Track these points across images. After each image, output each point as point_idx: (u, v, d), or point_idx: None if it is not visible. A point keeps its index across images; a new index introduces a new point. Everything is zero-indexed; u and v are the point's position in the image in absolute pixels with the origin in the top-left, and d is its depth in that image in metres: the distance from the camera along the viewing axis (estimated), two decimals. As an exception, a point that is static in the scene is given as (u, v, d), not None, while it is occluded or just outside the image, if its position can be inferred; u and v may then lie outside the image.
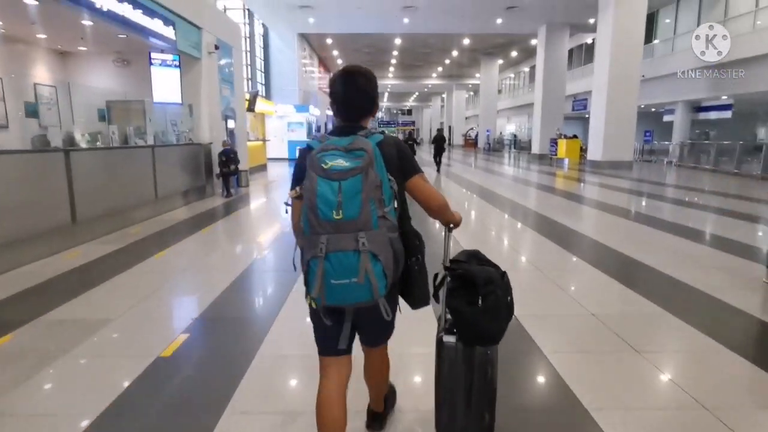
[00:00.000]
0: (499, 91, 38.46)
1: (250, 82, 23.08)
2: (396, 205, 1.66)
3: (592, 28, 23.88)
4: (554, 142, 21.42)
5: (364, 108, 1.75)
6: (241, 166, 12.35)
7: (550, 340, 3.25)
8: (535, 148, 24.34)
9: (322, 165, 1.51)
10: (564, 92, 23.84)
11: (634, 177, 15.73)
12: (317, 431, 1.74)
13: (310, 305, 1.67)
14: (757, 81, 16.52)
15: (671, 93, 20.63)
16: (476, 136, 38.66)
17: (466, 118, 48.41)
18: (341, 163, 1.51)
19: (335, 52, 32.96)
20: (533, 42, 29.47)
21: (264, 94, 25.51)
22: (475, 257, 2.00)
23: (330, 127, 33.88)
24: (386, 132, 2.12)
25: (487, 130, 35.33)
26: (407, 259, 1.72)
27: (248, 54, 22.96)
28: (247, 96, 14.98)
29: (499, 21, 22.53)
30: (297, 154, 1.90)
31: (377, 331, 1.86)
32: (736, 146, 16.46)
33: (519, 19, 22.53)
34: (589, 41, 28.50)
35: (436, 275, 1.95)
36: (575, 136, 21.46)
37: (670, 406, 2.52)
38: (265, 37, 25.42)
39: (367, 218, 1.50)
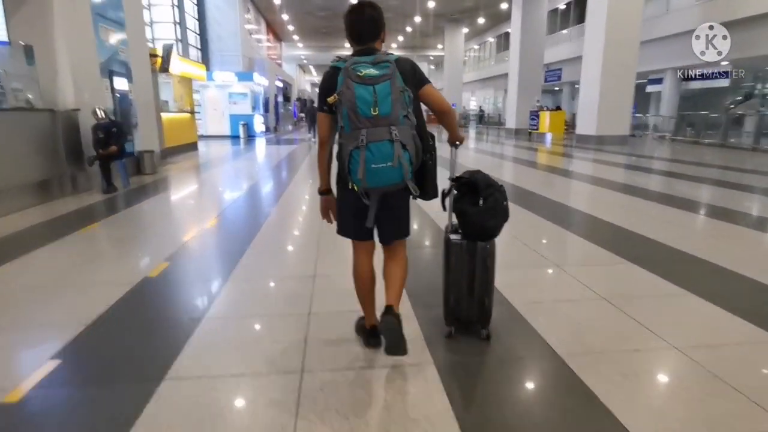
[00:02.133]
0: (463, 63, 35.11)
1: (179, 44, 18.67)
2: (412, 110, 1.93)
3: (573, -13, 20.85)
4: (535, 115, 18.45)
5: (375, 33, 2.02)
6: (145, 145, 8.52)
7: None
8: (511, 122, 21.32)
9: (358, 74, 1.82)
10: (542, 60, 20.81)
11: (641, 153, 12.95)
12: (355, 290, 2.25)
13: (351, 189, 1.96)
14: (763, 43, 14.03)
15: (660, 59, 17.97)
16: (440, 111, 35.22)
17: (428, 93, 45.01)
18: (372, 72, 1.83)
19: (285, 17, 28.49)
20: (503, 6, 26.22)
21: (201, 60, 21.10)
22: (477, 173, 2.34)
23: (281, 99, 29.77)
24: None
25: (453, 104, 32.08)
26: (423, 154, 2.01)
27: (176, 9, 18.49)
28: (157, 50, 10.93)
29: (471, -26, 19.06)
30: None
31: (397, 222, 2.16)
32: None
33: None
34: (562, 6, 25.52)
35: (443, 190, 2.31)
36: (559, 108, 18.55)
37: None
38: (199, -9, 20.85)
39: (396, 115, 1.84)
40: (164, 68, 10.67)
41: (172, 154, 11.85)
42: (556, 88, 29.10)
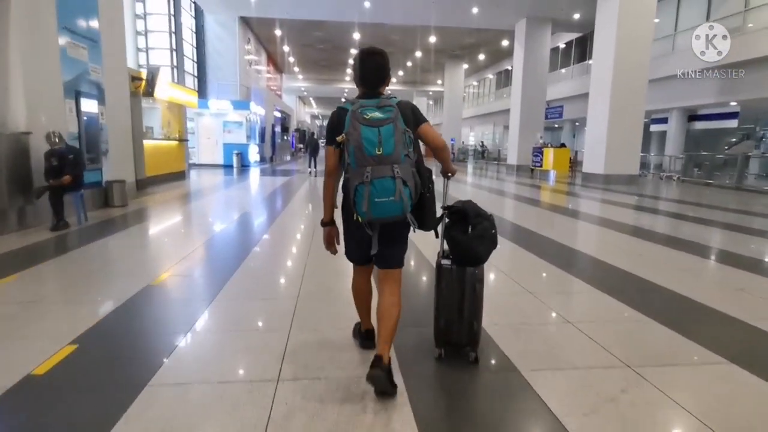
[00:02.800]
0: (463, 99, 34.81)
1: (175, 70, 18.03)
2: (412, 150, 2.10)
3: (577, 26, 20.53)
4: (538, 152, 17.71)
5: (382, 79, 2.22)
6: (116, 174, 7.55)
7: None
8: (512, 158, 20.57)
9: (365, 116, 2.01)
10: (545, 97, 20.25)
11: (652, 194, 12.07)
12: (354, 302, 2.52)
13: (356, 220, 2.12)
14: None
15: (665, 99, 17.43)
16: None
17: (427, 127, 44.73)
18: (378, 115, 2.02)
19: (286, 48, 28.20)
20: (504, 43, 26.01)
21: (197, 88, 20.45)
22: (468, 203, 2.49)
23: (278, 129, 29.11)
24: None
25: (452, 139, 31.54)
26: (422, 189, 2.17)
27: (173, 36, 17.93)
28: (142, 73, 10.09)
29: (475, 10, 18.67)
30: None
31: (395, 249, 2.29)
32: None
33: (497, 9, 18.80)
34: (562, 45, 25.31)
35: (436, 218, 2.35)
36: (563, 145, 17.83)
37: None
38: (198, 19, 20.39)
39: (398, 154, 2.01)
40: (149, 92, 9.82)
41: (154, 184, 10.87)
42: (556, 125, 28.65)
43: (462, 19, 20.27)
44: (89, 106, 7.06)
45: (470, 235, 2.36)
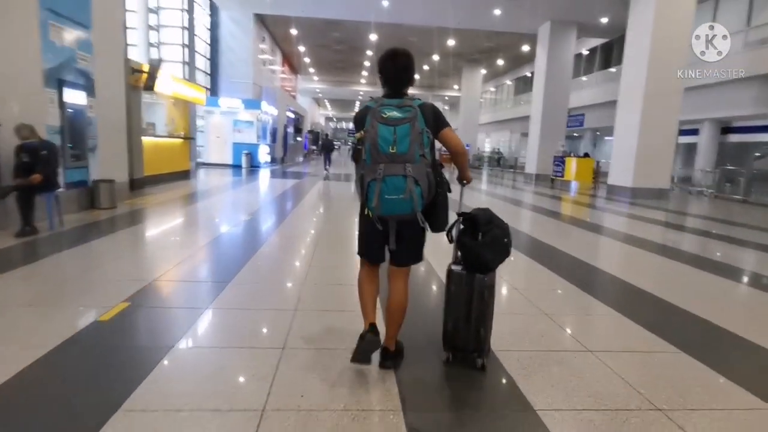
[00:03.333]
0: (479, 105, 33.82)
1: (187, 67, 17.42)
2: (429, 150, 2.12)
3: (603, 31, 19.49)
4: (560, 161, 16.70)
5: (407, 80, 2.24)
6: (105, 173, 6.82)
7: None
8: (531, 167, 19.57)
9: (383, 115, 2.05)
10: (567, 104, 19.24)
11: (686, 210, 11.03)
12: (359, 296, 2.37)
13: (367, 215, 2.16)
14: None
15: (696, 109, 16.30)
16: (453, 151, 33.72)
17: (442, 132, 43.75)
18: (396, 114, 2.05)
19: (301, 48, 27.55)
20: (525, 48, 25.03)
21: (209, 86, 19.83)
22: (484, 211, 2.47)
23: (291, 130, 28.39)
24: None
25: (467, 145, 30.59)
26: (436, 190, 2.18)
27: (185, 32, 17.32)
28: (141, 65, 9.36)
29: (497, 12, 17.77)
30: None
31: (409, 247, 2.30)
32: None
33: (520, 11, 17.88)
34: (585, 52, 24.25)
35: (450, 223, 2.37)
36: (587, 155, 16.80)
37: None
38: (213, 15, 19.79)
39: (413, 154, 2.03)
40: (149, 86, 9.10)
41: (153, 183, 10.16)
42: (576, 134, 27.56)
43: (483, 22, 19.39)
44: (75, 97, 6.31)
45: (479, 241, 2.35)
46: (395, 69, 2.22)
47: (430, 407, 2.15)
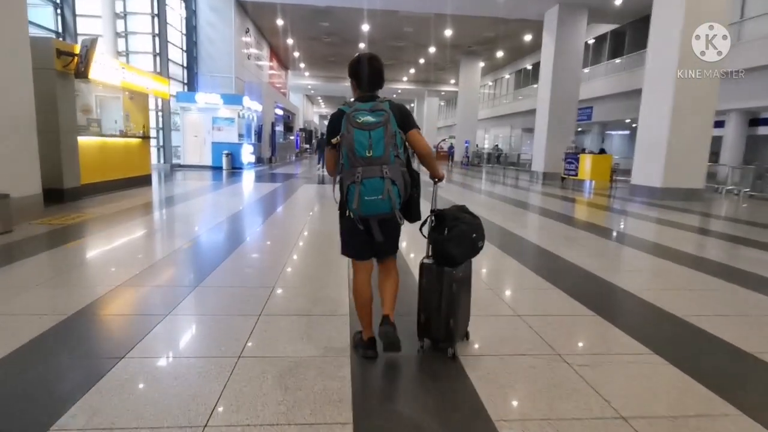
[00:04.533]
0: (478, 99, 31.85)
1: (158, 58, 15.42)
2: (402, 150, 2.23)
3: (615, 15, 17.62)
4: (573, 158, 14.85)
5: (379, 83, 2.34)
6: (5, 184, 4.89)
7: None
8: (538, 165, 17.72)
9: (357, 120, 2.11)
10: (577, 96, 17.37)
11: (730, 215, 9.14)
12: (355, 305, 2.47)
13: (348, 216, 2.22)
14: None
15: (724, 98, 14.44)
16: (451, 148, 32.07)
17: (438, 129, 41.84)
18: (369, 119, 2.12)
19: (290, 41, 25.54)
20: (527, 38, 23.14)
21: (186, 82, 17.83)
22: (459, 208, 2.56)
23: (280, 128, 26.40)
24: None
25: (466, 142, 28.67)
26: (411, 188, 2.29)
27: (155, 19, 15.32)
28: (72, 46, 7.37)
29: (500, -4, 15.89)
30: (328, 127, 2.27)
31: (391, 242, 2.44)
32: None
33: (526, -6, 16.05)
34: (591, 41, 22.37)
35: (423, 220, 2.47)
36: (603, 151, 14.95)
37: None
38: (189, 2, 17.77)
39: (388, 156, 2.12)
40: (80, 72, 7.15)
41: (96, 193, 8.24)
42: (580, 129, 25.73)
43: (484, 7, 17.46)
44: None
45: (445, 236, 2.39)
46: (371, 72, 2.30)
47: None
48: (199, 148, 16.57)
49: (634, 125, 24.06)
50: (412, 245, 5.01)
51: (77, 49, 7.26)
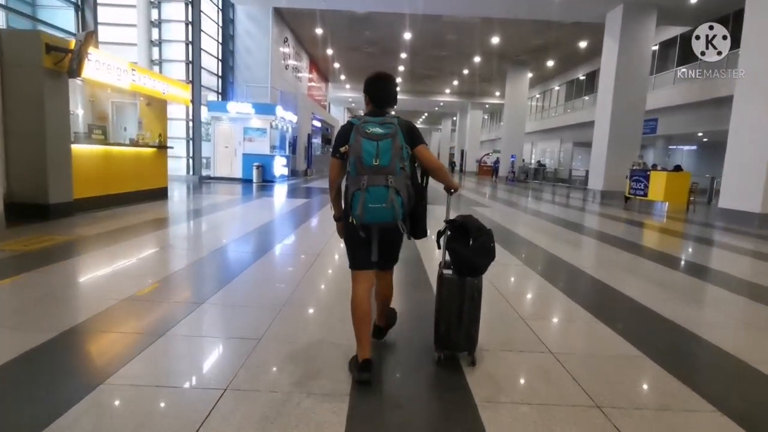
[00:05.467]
0: (528, 111, 29.79)
1: (190, 66, 14.75)
2: (408, 164, 2.22)
3: (688, 16, 15.43)
4: (641, 176, 12.78)
5: (393, 100, 2.40)
6: None
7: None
8: (597, 183, 15.64)
9: (366, 131, 2.14)
10: (644, 106, 15.26)
11: None
12: (352, 320, 2.31)
13: (351, 222, 2.21)
14: None
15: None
16: (496, 162, 30.14)
17: (481, 143, 39.90)
18: (378, 130, 2.15)
19: (329, 52, 24.71)
20: (582, 44, 21.14)
21: (220, 91, 17.15)
22: (468, 217, 2.49)
23: (317, 140, 25.43)
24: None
25: (512, 156, 26.69)
26: (416, 202, 2.27)
27: (189, 27, 14.68)
28: (68, 42, 6.39)
29: (556, -4, 14.18)
30: (337, 133, 2.32)
31: (391, 253, 2.47)
32: None
33: (586, -7, 14.26)
34: (655, 47, 20.04)
35: (439, 231, 2.51)
36: (678, 168, 12.80)
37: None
38: (225, 12, 17.15)
39: (394, 167, 2.12)
40: (73, 70, 6.15)
41: (97, 208, 7.22)
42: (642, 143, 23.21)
43: (536, 9, 15.77)
44: None
45: (471, 247, 2.39)
46: (386, 89, 2.36)
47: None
48: (230, 159, 15.70)
49: (705, 139, 21.41)
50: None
51: (73, 45, 6.27)
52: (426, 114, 49.79)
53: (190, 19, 14.65)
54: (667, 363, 2.63)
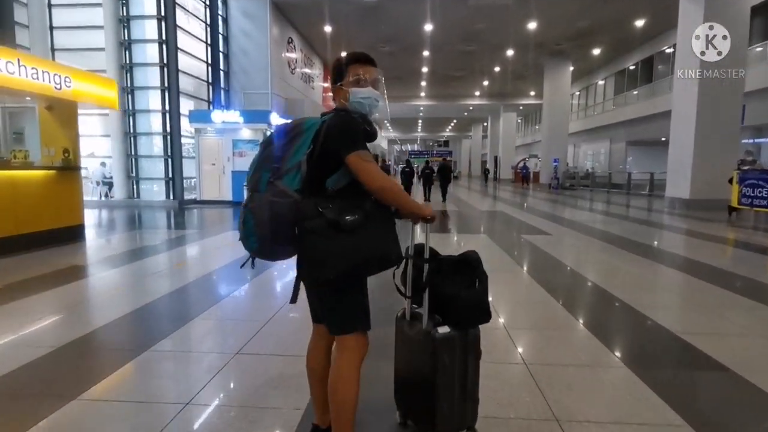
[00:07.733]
0: (570, 109, 25.68)
1: (165, 70, 11.99)
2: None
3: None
4: (761, 179, 8.84)
5: None
6: None
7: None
8: (680, 190, 11.65)
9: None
10: (743, 86, 11.27)
11: None
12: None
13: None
14: None
15: None
16: (524, 168, 26.19)
17: (516, 147, 35.82)
18: None
19: (343, 54, 21.64)
20: (639, 23, 17.17)
21: (210, 100, 14.35)
22: (429, 249, 1.71)
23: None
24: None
25: (554, 161, 22.69)
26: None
27: (162, 23, 11.94)
28: None
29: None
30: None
31: (322, 309, 1.63)
32: None
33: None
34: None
35: (410, 276, 1.74)
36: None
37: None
38: (213, 8, 14.38)
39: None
40: None
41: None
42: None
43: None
44: None
45: (480, 288, 1.72)
46: None
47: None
48: (217, 179, 12.77)
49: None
50: None
51: None
52: (455, 121, 46.12)
53: (162, 14, 11.91)
54: None
